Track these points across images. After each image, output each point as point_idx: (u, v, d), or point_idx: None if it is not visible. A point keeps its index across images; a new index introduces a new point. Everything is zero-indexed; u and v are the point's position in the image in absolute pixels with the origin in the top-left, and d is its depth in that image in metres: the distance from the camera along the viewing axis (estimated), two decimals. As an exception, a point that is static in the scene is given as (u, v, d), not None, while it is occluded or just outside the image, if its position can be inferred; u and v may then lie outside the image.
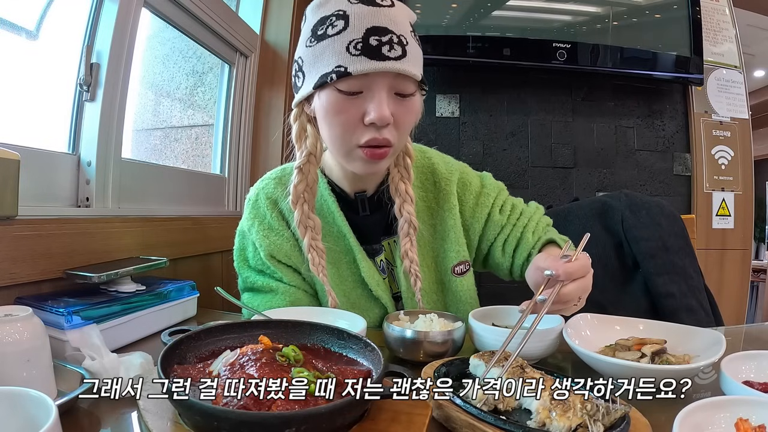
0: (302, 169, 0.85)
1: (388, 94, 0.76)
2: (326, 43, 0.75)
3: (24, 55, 1.02)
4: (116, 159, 1.12)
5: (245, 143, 1.76)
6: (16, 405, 0.43)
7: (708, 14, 2.19)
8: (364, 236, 0.93)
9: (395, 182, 0.90)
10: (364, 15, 0.75)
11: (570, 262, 0.70)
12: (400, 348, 0.74)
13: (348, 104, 0.76)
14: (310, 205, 0.86)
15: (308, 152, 0.85)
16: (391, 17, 0.76)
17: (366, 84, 0.75)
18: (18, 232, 0.76)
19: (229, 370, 0.49)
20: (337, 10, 0.76)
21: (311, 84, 0.78)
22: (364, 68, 0.73)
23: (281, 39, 1.84)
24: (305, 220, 0.86)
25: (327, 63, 0.75)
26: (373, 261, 0.94)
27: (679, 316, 1.22)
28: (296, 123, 0.86)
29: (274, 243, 0.90)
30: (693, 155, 2.19)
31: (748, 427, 0.47)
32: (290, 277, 0.92)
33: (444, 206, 0.97)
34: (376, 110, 0.75)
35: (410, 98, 0.79)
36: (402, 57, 0.75)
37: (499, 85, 2.13)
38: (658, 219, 1.33)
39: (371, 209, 0.93)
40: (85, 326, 0.69)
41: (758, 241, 5.56)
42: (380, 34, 0.74)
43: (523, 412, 0.54)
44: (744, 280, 2.21)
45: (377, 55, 0.73)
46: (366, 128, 0.77)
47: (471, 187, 0.99)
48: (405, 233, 0.90)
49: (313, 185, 0.86)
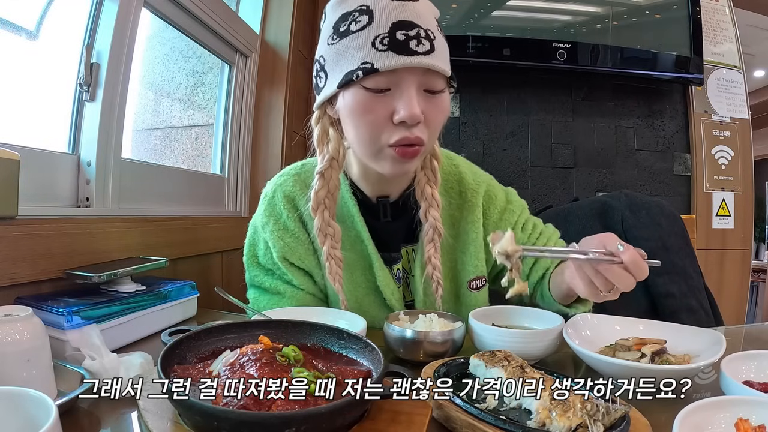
0: (324, 174, 0.81)
1: (417, 91, 0.73)
2: (350, 39, 0.72)
3: (24, 55, 1.02)
4: (116, 159, 1.12)
5: (245, 143, 1.76)
6: (16, 405, 0.43)
7: (708, 14, 2.19)
8: (383, 243, 0.89)
9: (421, 185, 0.86)
10: (388, 9, 0.71)
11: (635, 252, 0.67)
12: (400, 348, 0.74)
13: (376, 102, 0.73)
14: (330, 212, 0.82)
15: (330, 157, 0.81)
16: (416, 11, 0.73)
17: (394, 81, 0.72)
18: (18, 232, 0.76)
19: (229, 370, 0.49)
20: (360, 6, 0.73)
21: (335, 83, 0.75)
22: (392, 64, 0.70)
23: (281, 39, 1.84)
24: (325, 228, 0.82)
25: (352, 60, 0.72)
26: (390, 269, 0.91)
27: (679, 316, 1.22)
28: (318, 126, 0.83)
29: (288, 245, 0.87)
30: (693, 155, 2.19)
31: (748, 427, 0.47)
32: (300, 280, 0.89)
33: (468, 218, 0.94)
34: (406, 108, 0.71)
35: (440, 95, 0.76)
36: (430, 52, 0.71)
37: (499, 85, 2.13)
38: (658, 219, 1.33)
39: (393, 215, 0.90)
40: (85, 326, 0.69)
41: (758, 241, 5.56)
42: (407, 28, 0.70)
43: (523, 412, 0.54)
44: (744, 280, 2.21)
45: (405, 49, 0.70)
46: (395, 127, 0.73)
47: (497, 201, 0.96)
48: (429, 239, 0.86)
49: (335, 191, 0.83)
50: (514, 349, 0.65)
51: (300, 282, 0.89)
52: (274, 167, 1.79)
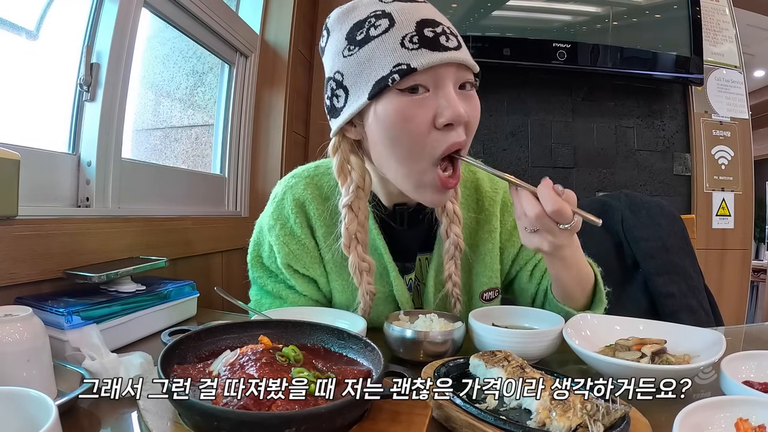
0: (352, 207, 0.76)
1: (454, 89, 0.68)
2: (374, 44, 0.67)
3: (24, 55, 1.02)
4: (116, 159, 1.12)
5: (245, 143, 1.76)
6: (16, 405, 0.43)
7: (708, 14, 2.19)
8: (398, 252, 0.86)
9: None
10: (407, 10, 0.68)
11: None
12: (400, 348, 0.74)
13: (416, 108, 0.67)
14: (363, 246, 0.77)
15: (356, 186, 0.75)
16: (432, 11, 0.71)
17: (431, 80, 0.67)
18: (18, 232, 0.76)
19: (229, 370, 0.49)
20: (374, 11, 0.69)
21: (365, 94, 0.68)
22: (430, 61, 0.65)
23: (281, 39, 1.84)
24: (360, 264, 0.77)
25: (381, 65, 0.66)
26: (403, 278, 0.87)
27: (679, 316, 1.22)
28: (336, 156, 0.76)
29: (293, 252, 0.84)
30: (693, 155, 2.19)
31: (748, 427, 0.47)
32: (303, 287, 0.87)
33: (484, 227, 0.90)
34: (451, 107, 0.66)
35: (473, 92, 0.72)
36: (460, 47, 0.68)
37: (499, 85, 2.13)
38: (658, 219, 1.33)
39: (409, 224, 0.85)
40: (85, 326, 0.69)
41: (758, 241, 5.56)
42: (432, 25, 0.67)
43: (523, 412, 0.54)
44: (744, 280, 2.21)
45: (438, 46, 0.66)
46: (440, 132, 0.67)
47: (512, 209, 0.86)
48: (450, 255, 0.83)
49: (365, 222, 0.77)
50: (514, 349, 0.65)
51: (303, 288, 0.87)
52: (274, 167, 1.79)
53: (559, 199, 0.66)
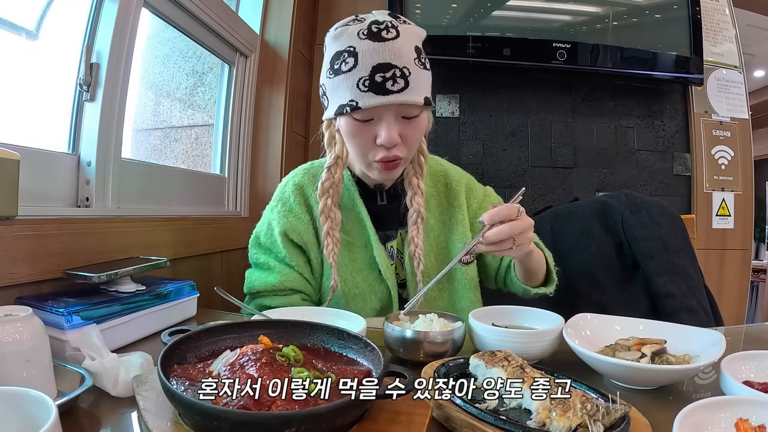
0: (330, 169, 0.98)
1: (395, 119, 0.89)
2: (341, 78, 0.88)
3: (24, 55, 1.02)
4: (116, 159, 1.12)
5: (245, 143, 1.76)
6: (16, 405, 0.43)
7: (708, 14, 2.19)
8: (379, 223, 1.04)
9: (409, 177, 1.02)
10: (369, 52, 0.86)
11: (494, 208, 0.82)
12: (400, 348, 0.74)
13: (362, 129, 0.90)
14: (333, 200, 0.98)
15: (336, 156, 0.98)
16: (395, 51, 0.86)
17: (375, 113, 0.88)
18: (18, 232, 0.76)
19: (229, 370, 0.49)
20: (348, 47, 0.88)
21: (332, 111, 0.92)
22: (372, 103, 0.86)
23: (281, 39, 1.84)
24: (327, 211, 0.97)
25: (342, 96, 0.89)
26: (385, 246, 1.04)
27: (679, 316, 1.22)
28: (327, 132, 1.00)
29: (290, 223, 1.01)
30: (693, 155, 2.19)
31: (748, 427, 0.47)
32: (293, 257, 1.01)
33: (454, 203, 1.09)
34: (385, 135, 0.88)
35: (416, 119, 0.91)
36: (404, 89, 0.86)
37: (499, 85, 2.13)
38: (658, 219, 1.33)
39: (388, 199, 1.05)
40: (85, 326, 0.69)
41: (758, 241, 5.57)
42: (384, 70, 0.85)
43: (523, 412, 0.54)
44: (744, 280, 2.21)
45: (382, 90, 0.85)
46: (378, 147, 0.91)
47: (475, 193, 1.13)
48: (413, 221, 1.01)
49: (339, 184, 0.99)
50: (514, 349, 0.65)
51: (292, 259, 1.01)
52: (274, 167, 1.79)
53: (491, 211, 0.82)
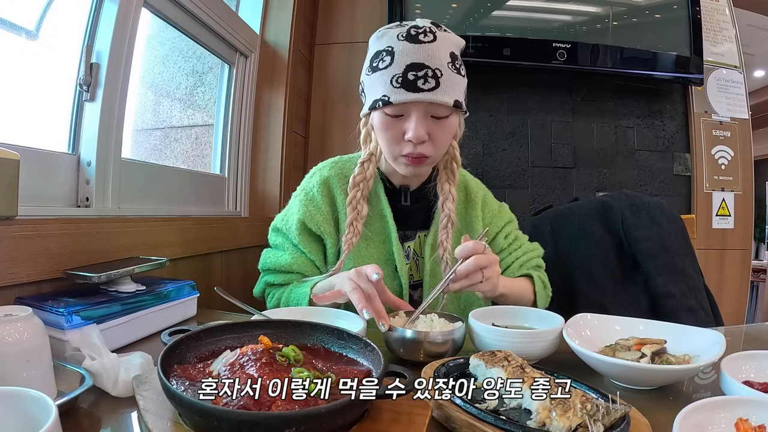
0: (363, 164, 1.03)
1: (424, 117, 0.93)
2: (377, 75, 0.94)
3: (24, 55, 1.02)
4: (116, 159, 1.12)
5: (245, 143, 1.76)
6: (16, 405, 0.43)
7: (708, 14, 2.19)
8: (401, 222, 1.08)
9: (441, 182, 1.07)
10: (406, 52, 0.91)
11: (463, 244, 0.86)
12: (400, 348, 0.74)
13: (392, 124, 0.95)
14: (363, 193, 1.03)
15: (370, 153, 1.03)
16: (430, 53, 0.91)
17: (406, 109, 0.93)
18: (18, 232, 0.76)
19: (229, 370, 0.49)
20: (387, 46, 0.94)
21: (367, 106, 0.98)
22: (402, 99, 0.91)
23: (281, 39, 1.84)
24: (355, 204, 1.02)
25: (377, 91, 0.94)
26: (402, 246, 1.08)
27: (679, 316, 1.22)
28: (363, 129, 1.05)
29: (309, 212, 1.05)
30: (693, 155, 2.19)
31: (748, 427, 0.47)
32: (305, 244, 1.06)
33: (471, 213, 1.14)
34: (412, 131, 0.92)
35: (445, 119, 0.95)
36: (435, 88, 0.90)
37: (499, 85, 2.13)
38: (658, 219, 1.33)
39: (412, 201, 1.09)
40: (85, 326, 0.69)
41: (758, 241, 5.57)
42: (416, 69, 0.90)
43: (523, 412, 0.54)
44: (744, 280, 2.21)
45: (413, 87, 0.90)
46: (406, 143, 0.94)
47: (489, 207, 1.16)
48: (443, 226, 1.04)
49: (370, 179, 1.03)
50: (514, 349, 0.65)
51: (305, 246, 1.05)
52: (274, 167, 1.79)
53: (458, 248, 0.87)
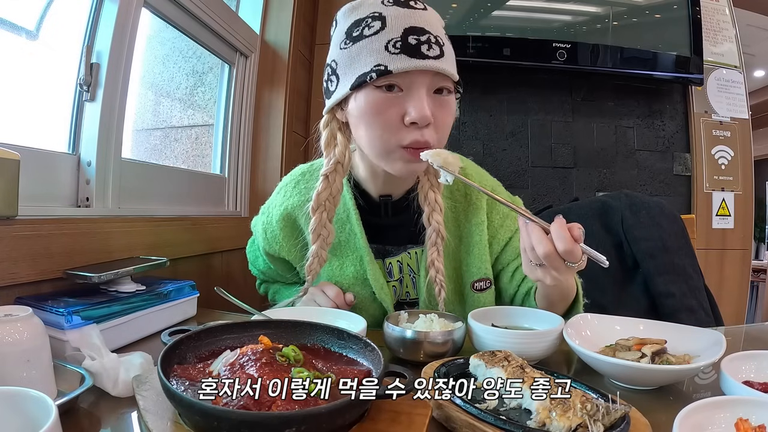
0: (328, 177, 0.84)
1: (427, 93, 0.76)
2: (363, 43, 0.75)
3: (24, 55, 1.02)
4: (116, 159, 1.12)
5: (245, 143, 1.76)
6: (16, 405, 0.43)
7: (708, 14, 2.19)
8: (379, 237, 0.92)
9: (424, 190, 0.88)
10: (400, 16, 0.75)
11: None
12: (400, 348, 0.74)
13: (388, 103, 0.75)
14: (329, 214, 0.85)
15: (336, 161, 0.84)
16: (426, 19, 0.77)
17: (406, 83, 0.75)
18: (18, 232, 0.76)
19: (229, 370, 0.49)
20: (373, 12, 0.77)
21: (348, 85, 0.77)
22: (405, 66, 0.73)
23: (281, 39, 1.84)
24: (320, 229, 0.85)
25: (365, 62, 0.75)
26: (383, 261, 0.93)
27: (679, 316, 1.22)
28: (326, 130, 0.85)
29: (270, 245, 0.99)
30: (693, 155, 2.19)
31: (748, 427, 0.47)
32: (273, 262, 1.04)
33: (472, 220, 0.94)
34: (417, 109, 0.74)
35: (448, 96, 0.79)
36: (440, 56, 0.75)
37: (499, 85, 2.13)
38: (658, 219, 1.33)
39: (393, 213, 0.92)
40: (85, 326, 0.69)
41: (758, 241, 5.57)
42: (418, 33, 0.74)
43: (523, 412, 0.54)
44: (744, 280, 2.21)
45: (417, 53, 0.73)
46: (407, 129, 0.76)
47: (499, 207, 0.95)
48: (432, 242, 0.88)
49: (337, 195, 0.86)
50: (514, 349, 0.65)
51: (273, 264, 1.04)
52: (274, 167, 1.79)
53: (571, 240, 0.68)
